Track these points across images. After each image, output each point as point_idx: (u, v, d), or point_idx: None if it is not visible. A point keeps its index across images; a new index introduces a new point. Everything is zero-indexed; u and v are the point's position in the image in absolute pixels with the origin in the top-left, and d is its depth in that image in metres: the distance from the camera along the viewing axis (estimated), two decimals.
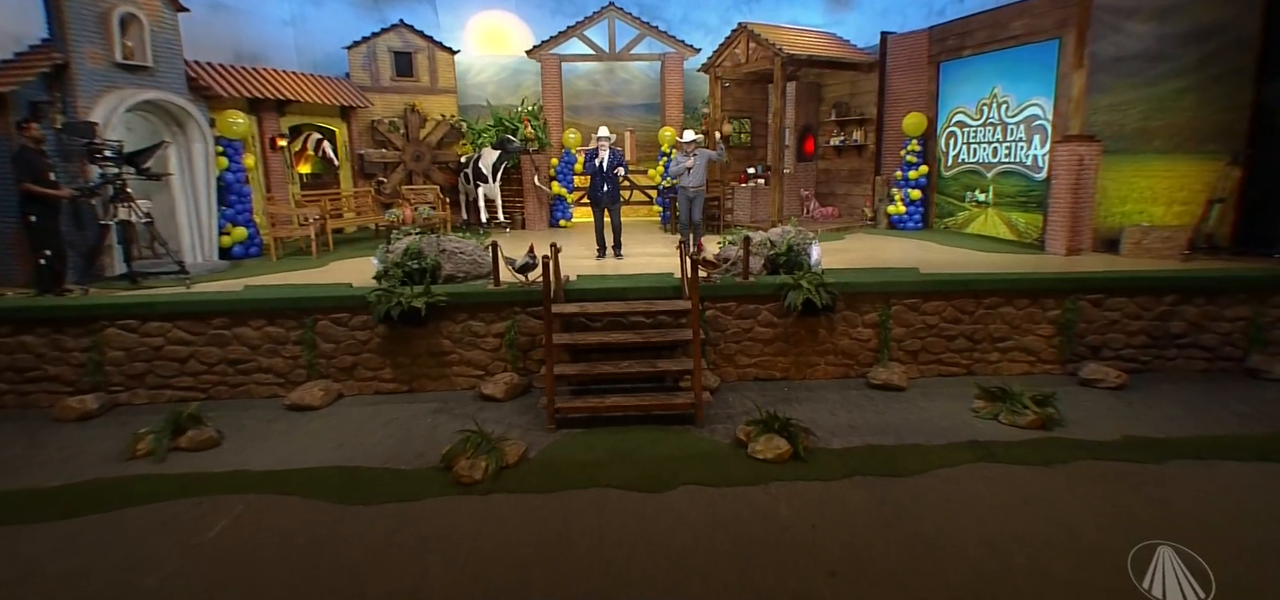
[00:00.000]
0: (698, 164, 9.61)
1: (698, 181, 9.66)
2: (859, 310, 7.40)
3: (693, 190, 9.69)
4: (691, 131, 9.79)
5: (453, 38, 14.97)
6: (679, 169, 9.64)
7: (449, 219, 12.73)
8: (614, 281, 7.50)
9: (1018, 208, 10.72)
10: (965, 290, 7.38)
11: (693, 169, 9.59)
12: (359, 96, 12.89)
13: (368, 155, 13.05)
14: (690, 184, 9.65)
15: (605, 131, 9.75)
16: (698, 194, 9.73)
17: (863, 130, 13.27)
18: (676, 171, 9.68)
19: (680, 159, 9.66)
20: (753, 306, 7.33)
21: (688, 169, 9.59)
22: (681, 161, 9.63)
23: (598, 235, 9.92)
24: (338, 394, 7.01)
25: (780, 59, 11.74)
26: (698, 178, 9.64)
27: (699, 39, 14.92)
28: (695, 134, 9.84)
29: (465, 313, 7.12)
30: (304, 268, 9.38)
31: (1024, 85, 10.49)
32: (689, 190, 9.70)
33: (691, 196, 9.73)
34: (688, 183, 9.66)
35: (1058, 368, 7.57)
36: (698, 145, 9.74)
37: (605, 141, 9.61)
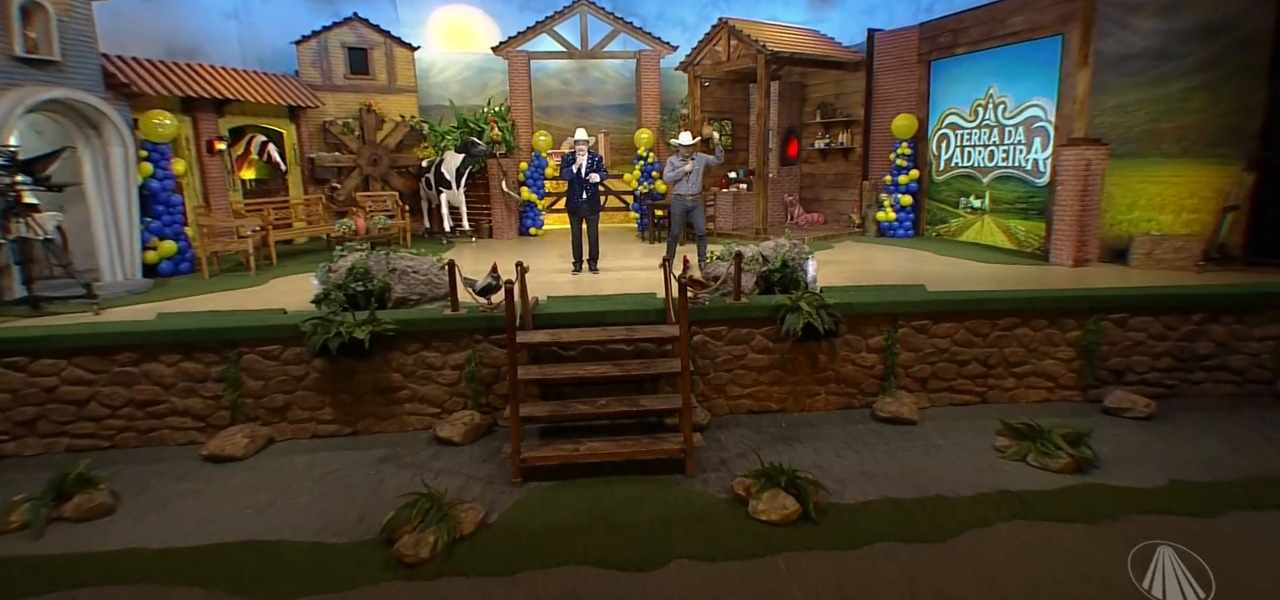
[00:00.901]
0: (696, 169, 8.75)
1: (696, 188, 8.79)
2: (862, 333, 6.58)
3: (691, 198, 8.82)
4: (688, 134, 8.89)
5: (413, 33, 13.89)
6: (676, 174, 8.75)
7: (408, 228, 11.67)
8: (590, 303, 6.57)
9: (1017, 215, 10.01)
10: (979, 311, 6.59)
11: (691, 175, 8.73)
12: (309, 95, 11.77)
13: (319, 159, 11.94)
14: (687, 191, 8.78)
15: (583, 134, 8.80)
16: (697, 202, 8.86)
17: (849, 132, 12.51)
18: (673, 177, 8.81)
19: (676, 163, 8.78)
20: (746, 331, 6.46)
21: (686, 174, 8.72)
22: (678, 166, 8.75)
23: (574, 247, 8.99)
24: (267, 440, 5.97)
25: (764, 56, 10.90)
26: (696, 184, 8.78)
27: (676, 36, 14.05)
28: (692, 138, 8.93)
29: (418, 342, 6.15)
30: (240, 286, 8.29)
31: (1023, 85, 9.79)
32: (686, 198, 8.82)
33: (689, 205, 8.85)
34: (685, 189, 8.78)
35: (1079, 394, 6.83)
36: (695, 150, 8.86)
37: (583, 145, 8.67)
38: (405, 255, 6.63)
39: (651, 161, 13.20)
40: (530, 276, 8.96)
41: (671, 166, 8.81)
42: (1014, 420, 6.21)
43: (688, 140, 8.78)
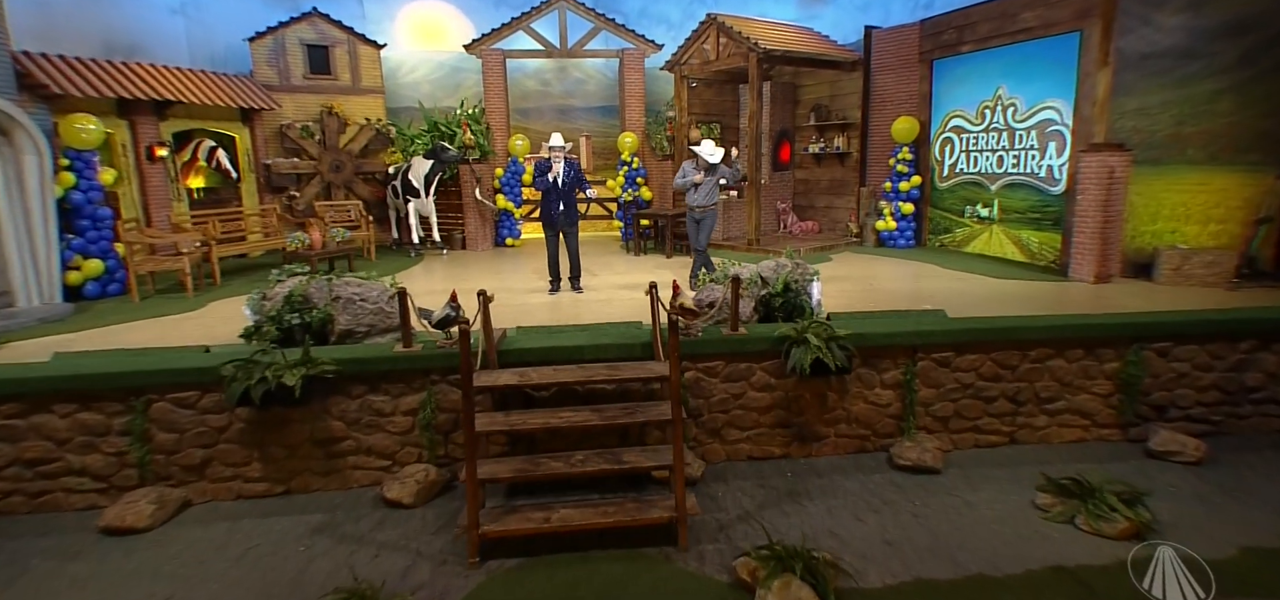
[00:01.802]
0: (708, 182, 7.92)
1: (708, 200, 7.97)
2: (877, 367, 5.73)
3: (701, 210, 7.98)
4: (711, 144, 7.98)
5: (380, 30, 12.90)
6: (684, 184, 7.92)
7: (372, 240, 10.69)
8: (566, 334, 5.67)
9: (1029, 225, 9.23)
10: (1008, 340, 5.77)
11: (702, 186, 7.89)
12: (263, 96, 10.76)
13: (276, 165, 10.93)
14: (696, 201, 7.96)
15: (558, 139, 7.88)
16: (707, 214, 8.02)
17: (845, 136, 11.69)
18: (681, 185, 7.96)
19: (687, 171, 7.94)
20: (744, 366, 5.59)
21: (695, 185, 7.88)
22: (688, 174, 7.91)
23: (551, 264, 8.08)
24: (180, 504, 4.99)
25: (756, 55, 10.06)
26: (708, 195, 7.95)
27: (661, 34, 13.17)
28: (715, 146, 8.00)
29: (364, 385, 5.21)
30: (174, 311, 7.30)
31: (1036, 85, 9.01)
32: (695, 210, 7.99)
33: (699, 218, 8.02)
34: (694, 200, 7.96)
35: (1118, 433, 6.02)
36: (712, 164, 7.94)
37: (559, 151, 7.76)
38: (352, 280, 5.68)
39: (636, 167, 12.31)
40: (502, 296, 8.09)
41: (683, 173, 7.97)
42: (1051, 465, 5.44)
43: (710, 151, 7.90)
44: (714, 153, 7.91)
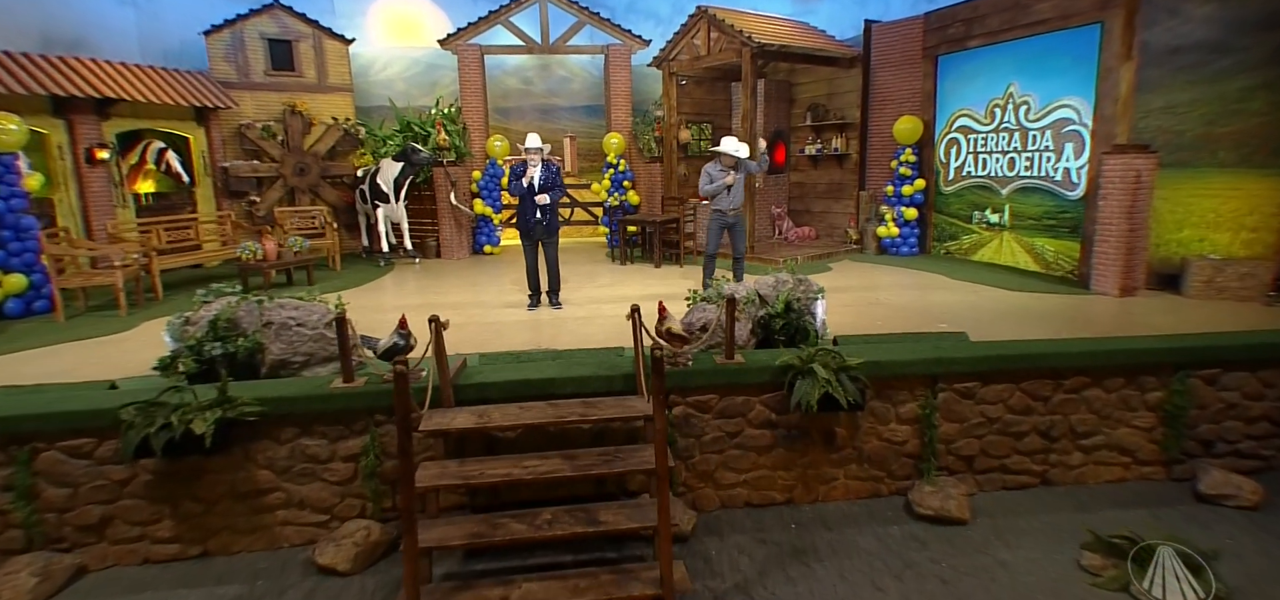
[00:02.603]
0: (738, 180, 7.25)
1: (738, 201, 7.32)
2: (892, 399, 4.99)
3: (732, 213, 7.31)
4: (735, 140, 7.31)
5: (352, 25, 12.06)
6: (715, 188, 7.23)
7: (337, 249, 9.88)
8: (535, 365, 4.90)
9: (1044, 232, 8.53)
10: (1041, 368, 5.04)
11: (734, 186, 7.23)
12: (219, 94, 9.91)
13: (234, 168, 10.08)
14: (729, 204, 7.27)
15: (536, 140, 7.10)
16: (739, 218, 7.37)
17: (843, 137, 10.97)
18: (711, 190, 7.27)
19: (715, 173, 7.25)
20: (742, 400, 4.83)
21: (728, 188, 7.21)
22: (718, 177, 7.22)
23: (529, 277, 7.31)
24: (73, 572, 4.17)
25: (749, 50, 9.32)
26: (738, 196, 7.30)
27: (649, 30, 12.39)
28: (739, 142, 7.34)
29: (296, 427, 4.41)
30: (100, 333, 6.46)
31: (1052, 82, 8.30)
32: (727, 214, 7.30)
33: (730, 221, 7.34)
34: (726, 203, 7.27)
35: (1162, 471, 5.31)
36: (740, 160, 7.31)
37: (536, 154, 6.99)
38: (288, 301, 4.89)
39: (623, 170, 11.54)
40: (474, 313, 7.32)
41: (707, 177, 7.27)
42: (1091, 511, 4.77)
43: (735, 148, 7.21)
44: (740, 148, 7.27)
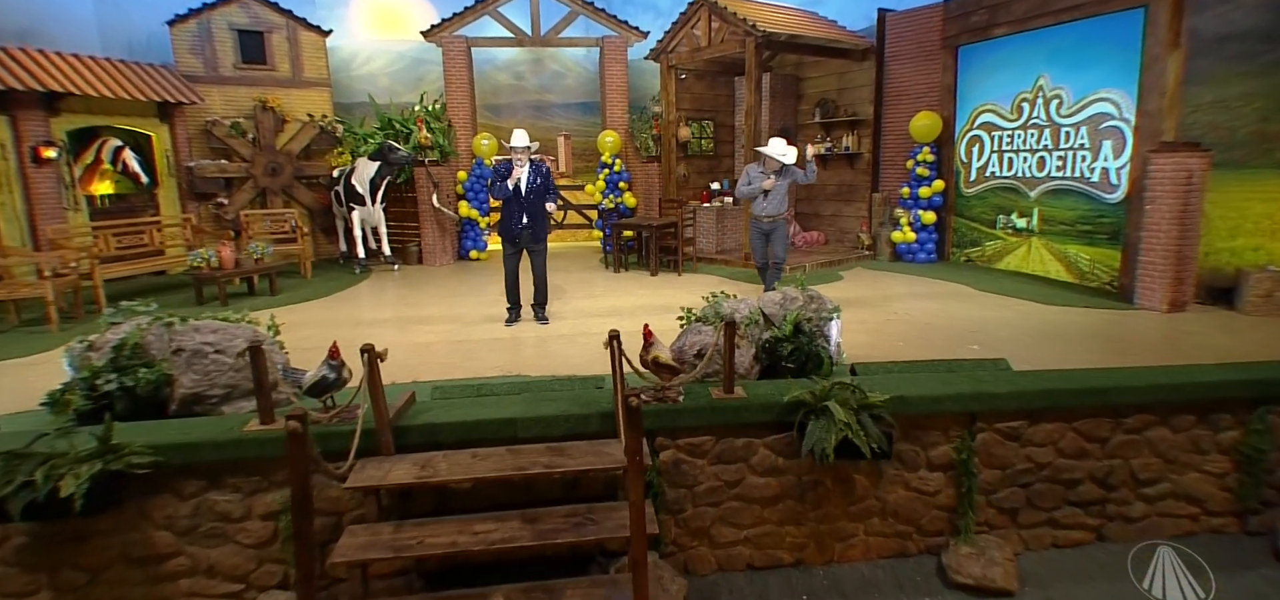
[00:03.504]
0: (780, 187, 6.57)
1: (778, 208, 6.66)
2: (921, 440, 4.18)
3: (769, 220, 6.66)
4: (782, 142, 6.63)
5: (333, 16, 11.32)
6: (751, 191, 6.56)
7: (308, 254, 9.11)
8: (495, 402, 4.11)
9: (1078, 239, 7.69)
10: (1099, 405, 4.22)
11: (773, 191, 6.56)
12: (184, 89, 9.16)
13: (200, 168, 9.33)
14: (765, 211, 6.62)
15: (523, 138, 6.29)
16: (776, 225, 6.70)
17: (855, 134, 10.15)
18: (747, 193, 6.60)
19: (754, 175, 6.57)
20: (742, 443, 4.03)
21: (765, 192, 6.54)
22: (756, 180, 6.53)
23: (508, 288, 6.49)
24: None
25: (754, 40, 8.51)
26: (778, 203, 6.64)
27: (647, 21, 11.60)
28: (787, 147, 6.63)
29: (202, 479, 3.63)
30: (22, 352, 5.71)
31: (1087, 73, 7.47)
32: (763, 220, 6.66)
33: (767, 228, 6.69)
34: (762, 209, 6.61)
35: (1235, 523, 4.47)
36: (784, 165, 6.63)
37: (523, 153, 6.19)
38: (205, 323, 4.11)
39: (619, 170, 10.75)
40: (447, 329, 6.52)
41: (746, 177, 6.58)
42: None
43: (781, 150, 6.51)
44: (786, 152, 6.55)
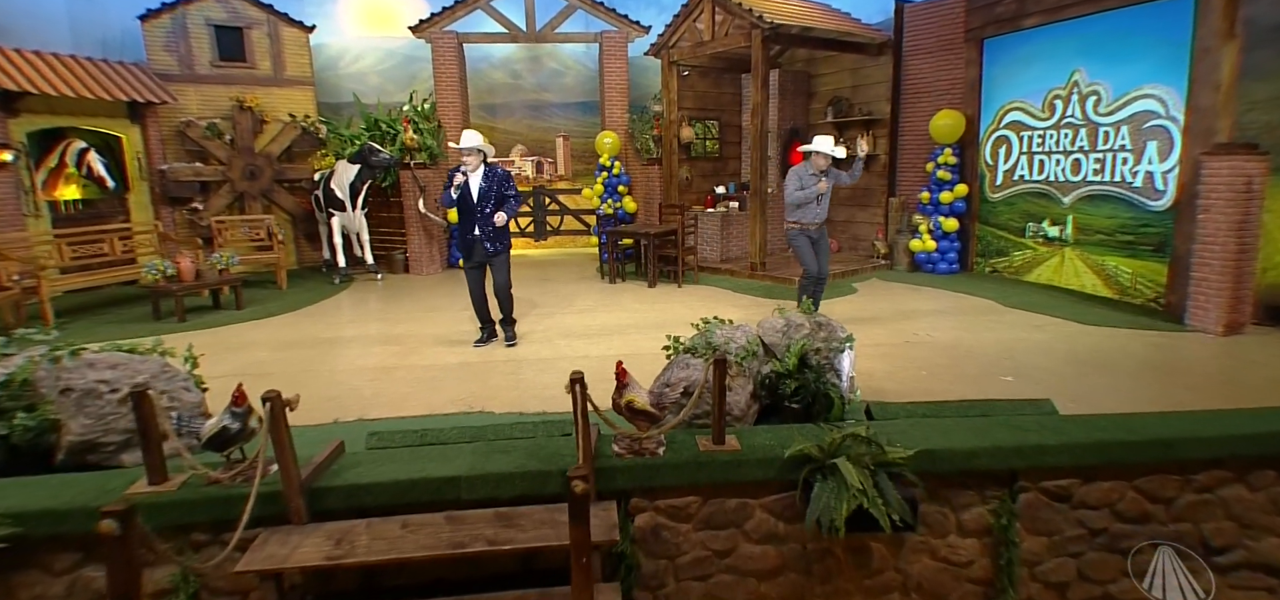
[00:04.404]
0: (828, 189, 5.90)
1: (825, 215, 6.01)
2: (952, 502, 3.47)
3: (817, 229, 5.97)
4: (830, 140, 5.86)
5: (321, 12, 10.77)
6: (807, 196, 5.78)
7: (284, 262, 8.50)
8: (440, 454, 3.46)
9: (1118, 250, 6.92)
10: (1164, 459, 3.49)
11: (823, 197, 5.90)
12: (155, 87, 8.60)
13: (173, 172, 8.77)
14: (818, 217, 5.93)
15: (473, 139, 5.48)
16: (822, 233, 6.04)
17: (870, 135, 9.41)
18: (803, 198, 5.79)
19: (809, 179, 5.81)
20: (736, 504, 3.35)
21: (819, 196, 5.84)
22: (811, 185, 5.80)
23: (476, 307, 5.84)
24: None
25: (760, 32, 7.81)
26: (825, 209, 5.98)
27: (652, 17, 10.91)
28: (835, 145, 5.90)
29: (77, 550, 2.99)
30: None
31: (1129, 67, 6.69)
32: (811, 229, 5.93)
33: (815, 236, 5.97)
34: (815, 215, 5.91)
35: None
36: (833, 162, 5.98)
37: (474, 154, 5.48)
38: (102, 357, 3.48)
39: (617, 173, 10.07)
40: (418, 350, 5.79)
41: (800, 182, 5.79)
42: None
43: (831, 147, 5.79)
44: (837, 149, 5.86)
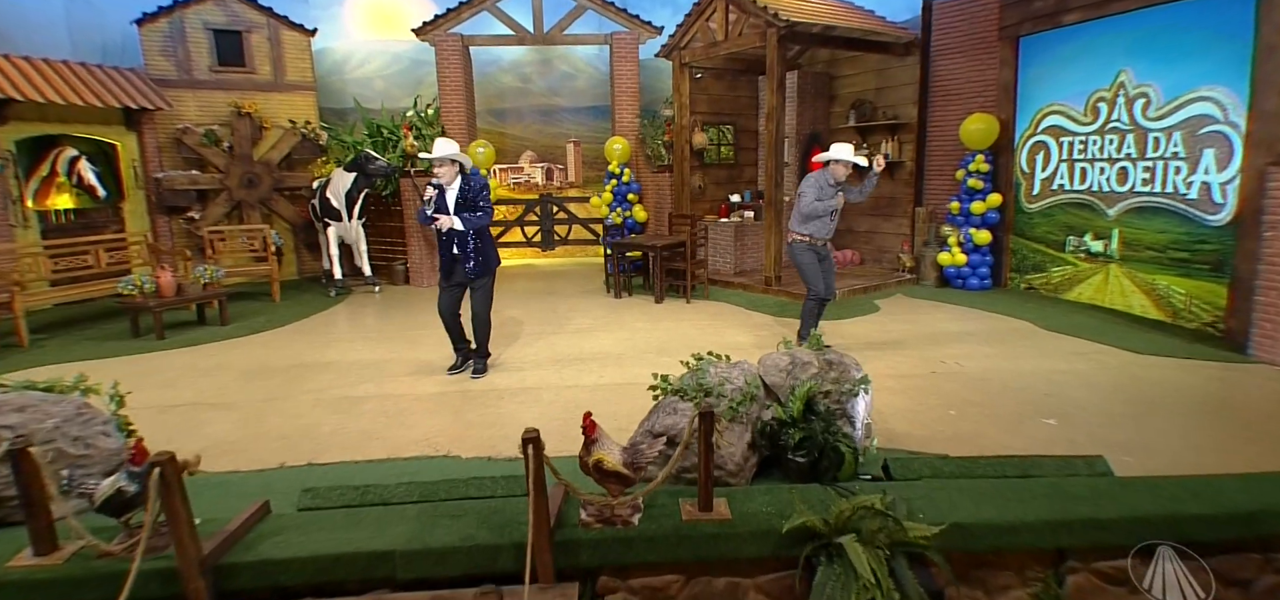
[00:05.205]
0: (839, 204, 5.38)
1: (834, 231, 5.49)
2: (986, 583, 2.90)
3: (824, 244, 5.43)
4: (850, 149, 5.25)
5: (327, 16, 10.48)
6: (824, 207, 5.25)
7: (276, 275, 8.15)
8: (371, 520, 2.99)
9: (1171, 268, 6.23)
10: (1243, 536, 2.88)
11: (837, 211, 5.39)
12: (151, 93, 8.33)
13: (168, 180, 8.49)
14: (825, 233, 5.37)
15: (446, 147, 4.89)
16: (829, 249, 5.51)
17: (896, 140, 8.79)
18: (819, 210, 5.24)
19: (828, 188, 5.26)
20: (724, 583, 2.82)
21: (833, 213, 5.32)
22: (829, 196, 5.26)
23: (449, 330, 5.31)
24: None
25: (776, 31, 7.26)
26: (835, 225, 5.46)
27: (667, 18, 10.41)
28: (854, 154, 5.26)
29: None
30: None
31: (1182, 67, 6.01)
32: (818, 243, 5.38)
33: (822, 253, 5.43)
34: (826, 231, 5.36)
35: None
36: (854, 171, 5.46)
37: (449, 166, 4.89)
38: (12, 398, 3.08)
39: (627, 180, 9.58)
40: (395, 375, 5.19)
41: (819, 192, 5.22)
42: None
43: (850, 155, 5.20)
44: (857, 157, 5.25)
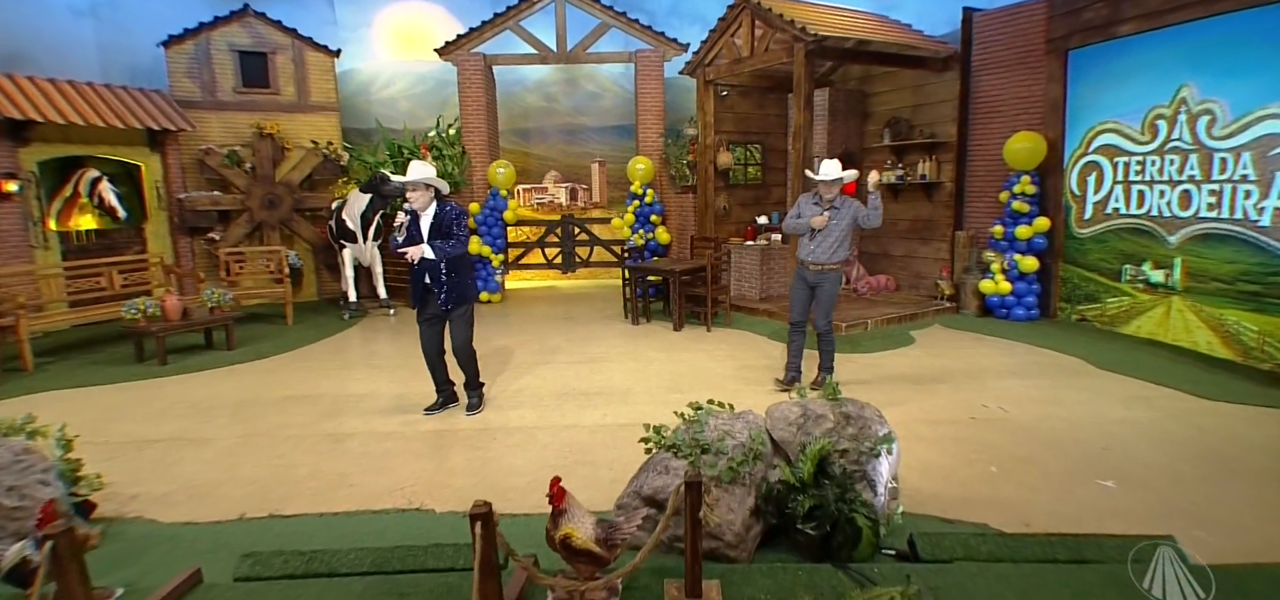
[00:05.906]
0: (838, 224, 4.79)
1: (830, 255, 4.84)
2: None
3: (815, 270, 4.89)
4: (837, 165, 4.76)
5: (355, 38, 10.46)
6: (798, 226, 4.85)
7: (291, 298, 8.01)
8: (317, 593, 2.66)
9: (1240, 302, 5.58)
10: None
11: (825, 232, 4.81)
12: (174, 115, 8.33)
13: (190, 200, 8.46)
14: (813, 256, 4.87)
15: (424, 171, 4.49)
16: (825, 276, 4.89)
17: (934, 160, 8.25)
18: (797, 228, 4.86)
19: (804, 205, 4.89)
20: None
21: (812, 231, 4.82)
22: (805, 211, 4.87)
23: (430, 367, 4.79)
24: None
25: (803, 46, 6.85)
26: (832, 248, 4.83)
27: (693, 36, 10.09)
28: (841, 169, 4.76)
29: None
30: None
31: (1251, 81, 5.40)
32: (809, 267, 4.91)
33: (813, 279, 4.92)
34: (809, 253, 4.88)
35: None
36: (838, 192, 4.85)
37: (422, 191, 4.46)
38: None
39: (651, 201, 9.23)
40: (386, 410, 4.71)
41: (796, 209, 4.87)
42: None
43: (835, 172, 4.72)
44: (842, 175, 4.74)
